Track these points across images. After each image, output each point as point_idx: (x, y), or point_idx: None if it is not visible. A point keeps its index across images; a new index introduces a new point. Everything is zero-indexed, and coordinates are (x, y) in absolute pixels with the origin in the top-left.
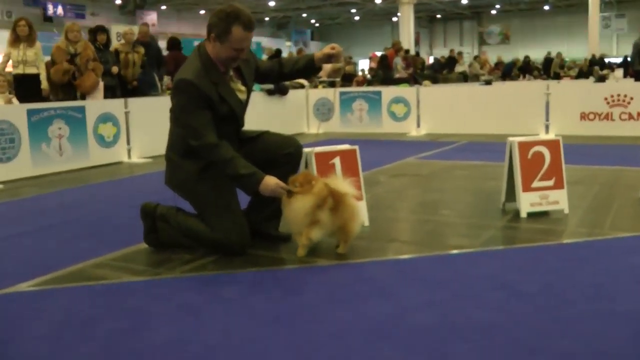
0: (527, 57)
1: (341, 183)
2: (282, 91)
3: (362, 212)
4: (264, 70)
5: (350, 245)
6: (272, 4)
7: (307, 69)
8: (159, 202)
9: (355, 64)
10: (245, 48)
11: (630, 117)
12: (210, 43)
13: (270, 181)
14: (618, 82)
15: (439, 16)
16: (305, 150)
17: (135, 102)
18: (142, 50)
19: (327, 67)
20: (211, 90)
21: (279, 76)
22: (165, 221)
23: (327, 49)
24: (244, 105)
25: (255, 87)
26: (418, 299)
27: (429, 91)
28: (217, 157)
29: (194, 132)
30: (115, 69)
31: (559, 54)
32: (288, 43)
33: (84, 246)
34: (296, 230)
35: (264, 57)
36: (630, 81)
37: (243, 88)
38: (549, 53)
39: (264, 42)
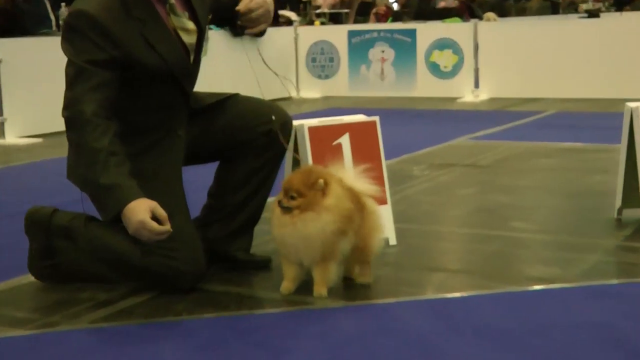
0: None
1: (352, 176)
2: None
3: (384, 222)
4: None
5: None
6: None
7: (224, 11)
8: (57, 207)
9: None
10: None
11: None
12: None
13: (136, 212)
14: None
15: None
16: (295, 124)
17: (11, 46)
18: None
19: None
20: (129, 32)
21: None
22: (67, 238)
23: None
24: (190, 53)
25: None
26: None
27: (493, 29)
28: (77, 140)
29: (68, 96)
30: None
31: None
32: None
33: None
34: (294, 259)
35: None
36: None
37: (192, 26)
38: None
39: None
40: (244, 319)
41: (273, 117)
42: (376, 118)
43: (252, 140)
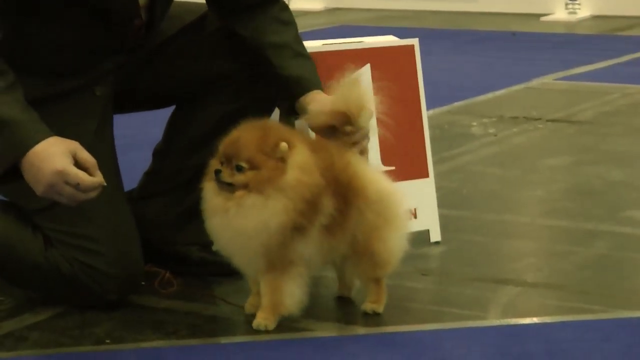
0: None
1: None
2: None
3: (404, 208)
4: None
5: (386, 291)
6: None
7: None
8: None
9: None
10: None
11: None
12: None
13: (50, 159)
14: None
15: None
16: None
17: None
18: None
19: None
20: None
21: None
22: None
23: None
24: None
25: None
26: None
27: None
28: None
29: None
30: None
31: None
32: None
33: None
34: (246, 270)
35: None
36: None
37: None
38: None
39: None
40: (200, 350)
41: None
42: (414, 41)
43: (227, 75)
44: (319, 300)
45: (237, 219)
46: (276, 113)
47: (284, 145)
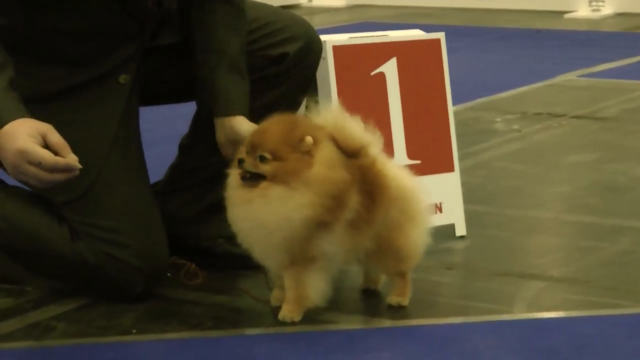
0: None
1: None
2: None
3: (426, 204)
4: None
5: (411, 284)
6: None
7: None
8: None
9: None
10: None
11: None
12: None
13: (14, 138)
14: None
15: None
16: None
17: None
18: None
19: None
20: None
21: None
22: None
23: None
24: None
25: None
26: None
27: None
28: None
29: None
30: None
31: None
32: None
33: None
34: (267, 263)
35: None
36: None
37: None
38: None
39: None
40: (226, 341)
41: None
42: (440, 35)
43: (252, 72)
44: (344, 293)
45: (261, 211)
46: (302, 109)
47: (309, 139)
